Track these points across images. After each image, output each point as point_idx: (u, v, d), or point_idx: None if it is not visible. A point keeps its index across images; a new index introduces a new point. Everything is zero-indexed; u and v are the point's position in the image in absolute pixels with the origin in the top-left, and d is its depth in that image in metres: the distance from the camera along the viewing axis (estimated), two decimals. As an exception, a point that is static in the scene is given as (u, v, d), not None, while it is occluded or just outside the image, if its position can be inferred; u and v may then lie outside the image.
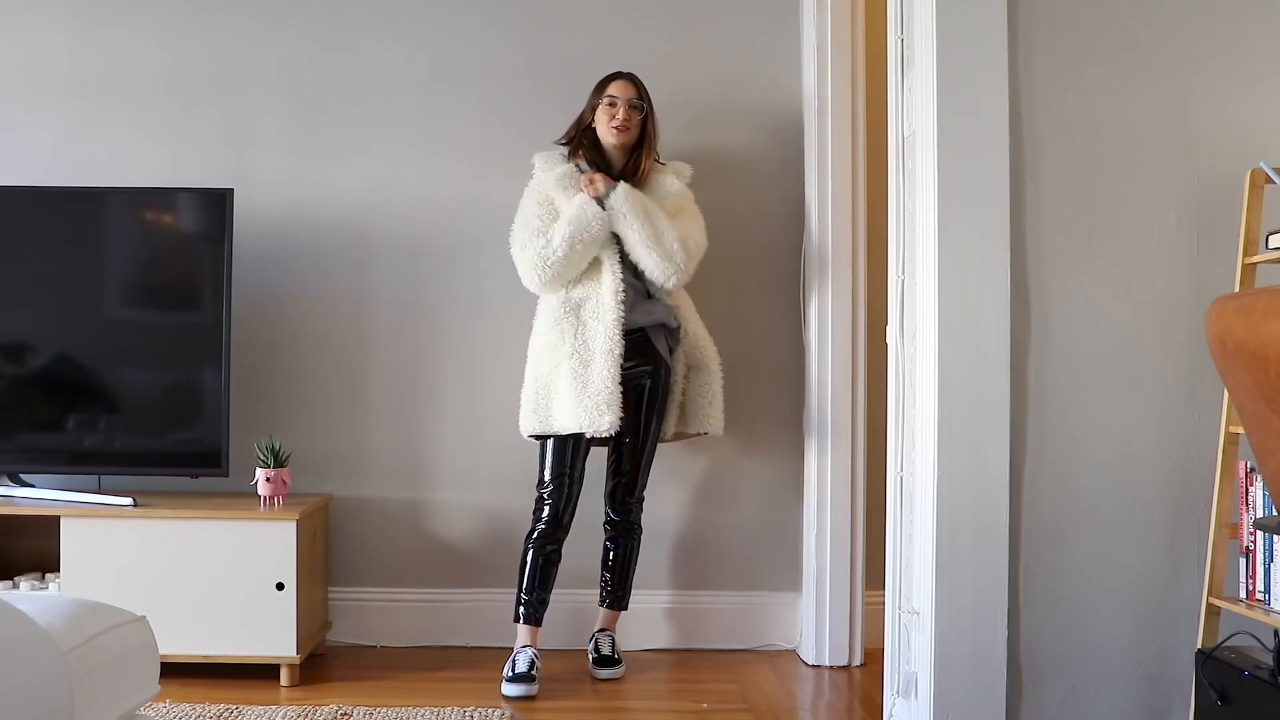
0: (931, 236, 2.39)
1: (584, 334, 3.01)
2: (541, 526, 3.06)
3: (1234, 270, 2.36)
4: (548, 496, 3.06)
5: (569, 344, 3.01)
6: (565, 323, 3.03)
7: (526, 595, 3.08)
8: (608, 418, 2.95)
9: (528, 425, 3.11)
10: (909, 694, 2.50)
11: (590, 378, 2.97)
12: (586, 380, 2.97)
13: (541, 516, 3.07)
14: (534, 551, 3.07)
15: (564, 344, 3.02)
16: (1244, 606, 2.28)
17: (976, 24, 2.39)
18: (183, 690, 2.86)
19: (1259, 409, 1.35)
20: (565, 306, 3.04)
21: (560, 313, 3.04)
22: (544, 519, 3.06)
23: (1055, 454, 2.42)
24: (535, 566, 3.06)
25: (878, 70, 3.07)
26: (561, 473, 3.05)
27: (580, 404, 2.97)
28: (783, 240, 3.48)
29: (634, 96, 3.11)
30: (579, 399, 2.97)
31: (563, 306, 3.04)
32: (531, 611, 3.08)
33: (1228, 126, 2.46)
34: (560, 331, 3.03)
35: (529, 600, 3.08)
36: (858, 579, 3.33)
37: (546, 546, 3.07)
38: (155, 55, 3.48)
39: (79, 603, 1.62)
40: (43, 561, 3.20)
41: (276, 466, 3.08)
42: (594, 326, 3.00)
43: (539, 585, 3.07)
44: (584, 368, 2.99)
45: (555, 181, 3.08)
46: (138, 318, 3.29)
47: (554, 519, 3.05)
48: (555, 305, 3.07)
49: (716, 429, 3.22)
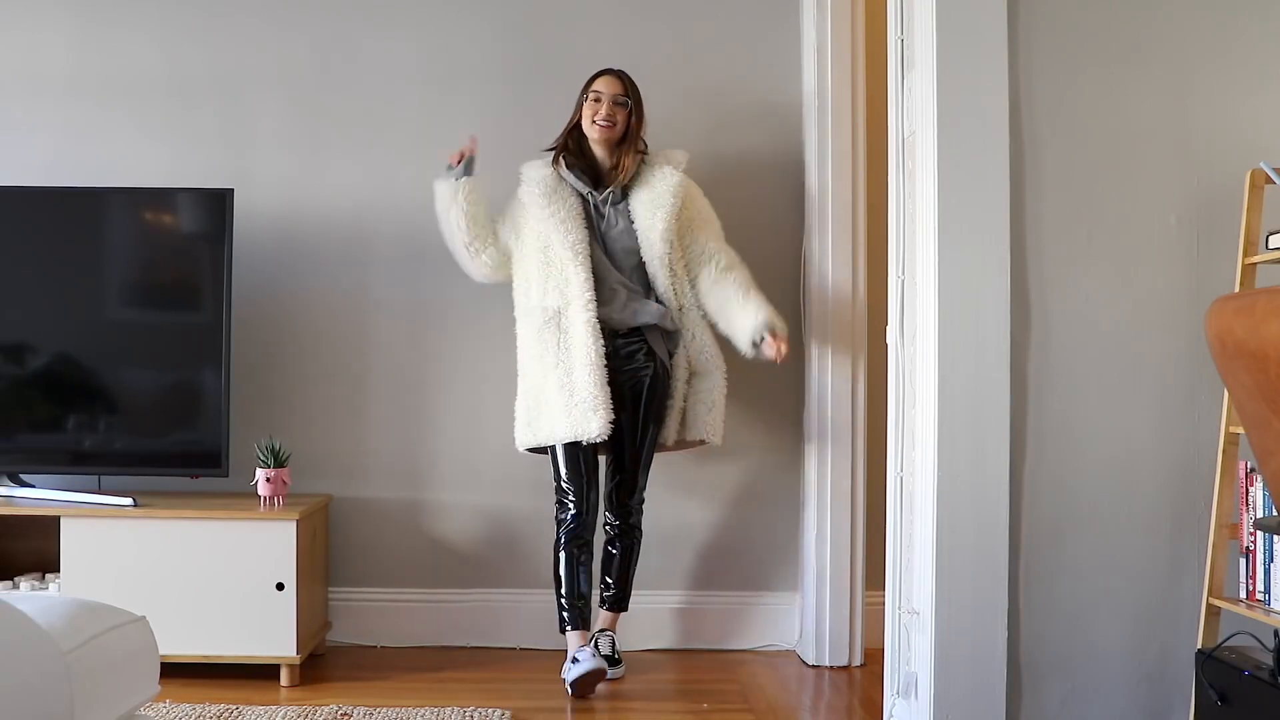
0: (931, 236, 2.39)
1: (565, 341, 3.02)
2: (569, 526, 3.04)
3: (1234, 270, 2.36)
4: (568, 500, 3.05)
5: (552, 353, 3.03)
6: (546, 331, 3.05)
7: (568, 601, 3.04)
8: (595, 423, 2.95)
9: (523, 439, 3.13)
10: (909, 694, 2.50)
11: (575, 385, 2.98)
12: (572, 388, 2.99)
13: (565, 519, 3.05)
14: (565, 554, 3.04)
15: (548, 353, 3.04)
16: (1244, 607, 2.28)
17: (976, 24, 2.39)
18: (183, 690, 2.86)
19: (1259, 409, 1.35)
20: (544, 315, 3.05)
21: (540, 322, 3.06)
22: (569, 520, 3.04)
23: (1055, 454, 2.42)
24: (571, 569, 3.04)
25: (878, 70, 3.07)
26: (576, 472, 3.04)
27: (569, 412, 2.98)
28: (783, 240, 3.48)
29: (619, 93, 3.10)
30: (567, 407, 2.98)
31: (542, 316, 3.06)
32: (576, 615, 3.04)
33: (1228, 126, 2.46)
34: (543, 342, 3.05)
35: (570, 605, 3.04)
36: (858, 579, 3.33)
37: (574, 546, 3.04)
38: (155, 55, 3.48)
39: (79, 603, 1.62)
40: (43, 561, 3.20)
41: (276, 466, 3.08)
42: (572, 332, 3.01)
43: (580, 585, 3.04)
44: (568, 375, 3.00)
45: (526, 188, 3.11)
46: (138, 318, 3.29)
47: (578, 517, 3.03)
48: (535, 315, 3.08)
49: (715, 438, 3.18)
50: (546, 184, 3.09)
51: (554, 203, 3.07)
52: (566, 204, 3.08)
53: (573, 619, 3.04)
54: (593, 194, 3.12)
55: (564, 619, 3.05)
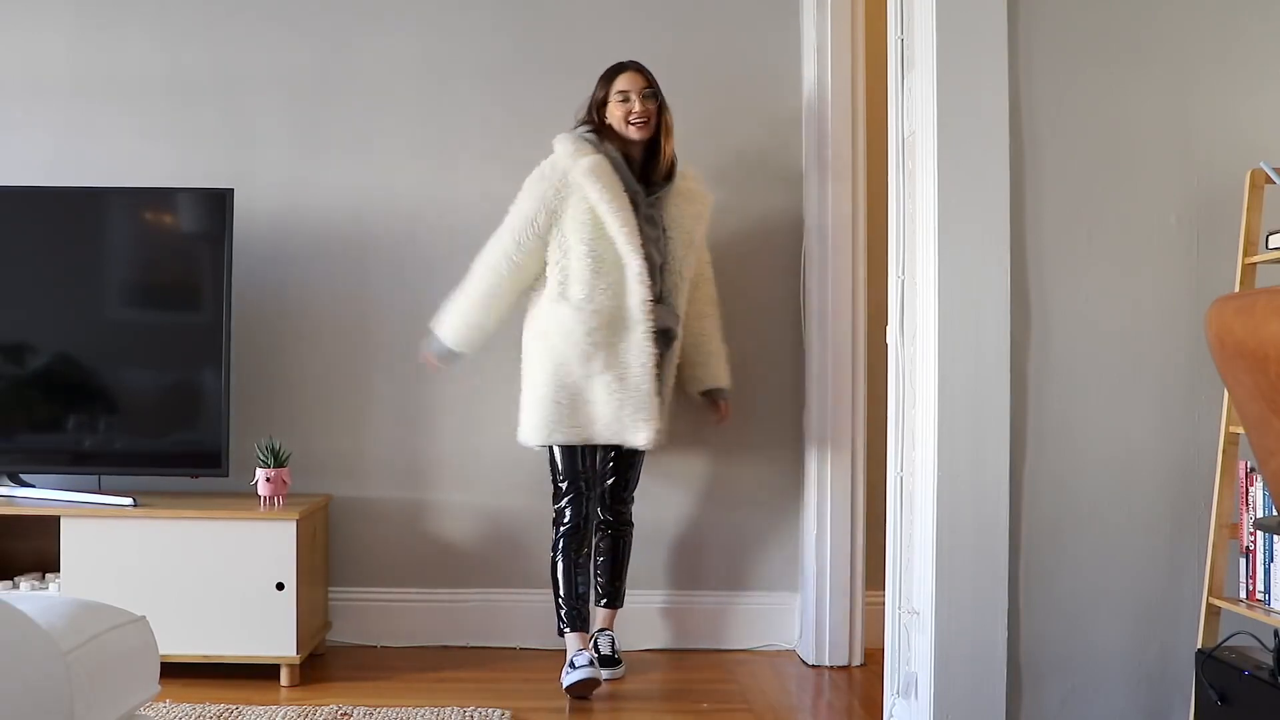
0: (931, 236, 2.39)
1: (622, 345, 2.95)
2: (567, 530, 3.03)
3: (1234, 270, 2.36)
4: (568, 504, 3.03)
5: (603, 355, 2.94)
6: (599, 334, 2.94)
7: (566, 603, 3.03)
8: (644, 432, 2.96)
9: (538, 436, 3.02)
10: (909, 694, 2.50)
11: (628, 391, 2.95)
12: (624, 395, 2.95)
13: (564, 522, 3.04)
14: (563, 559, 3.03)
15: (598, 354, 2.94)
16: (1244, 606, 2.28)
17: (976, 24, 2.39)
18: (183, 690, 2.86)
19: (1259, 409, 1.35)
20: (597, 316, 2.94)
21: (592, 322, 2.93)
22: (566, 524, 3.03)
23: (1055, 454, 2.42)
24: (569, 572, 3.02)
25: (878, 70, 3.06)
26: (577, 476, 3.03)
27: (618, 418, 2.95)
28: (783, 240, 3.48)
29: (645, 87, 3.04)
30: (617, 413, 2.95)
31: (595, 316, 2.94)
32: (575, 617, 3.03)
33: (1228, 126, 2.46)
34: (593, 342, 2.94)
35: (569, 607, 3.03)
36: (857, 579, 3.33)
37: (572, 549, 3.03)
38: (155, 55, 3.48)
39: (79, 603, 1.62)
40: (43, 561, 3.20)
41: (276, 466, 3.08)
42: (631, 338, 2.95)
43: (578, 587, 3.03)
44: (621, 381, 2.95)
45: (584, 172, 2.94)
46: (138, 318, 3.29)
47: (576, 520, 3.02)
48: (582, 312, 2.94)
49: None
50: (605, 173, 2.95)
51: (616, 196, 2.94)
52: (623, 200, 2.96)
53: (571, 621, 3.03)
54: (640, 193, 3.02)
55: (562, 620, 3.04)
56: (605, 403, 2.96)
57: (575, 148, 2.99)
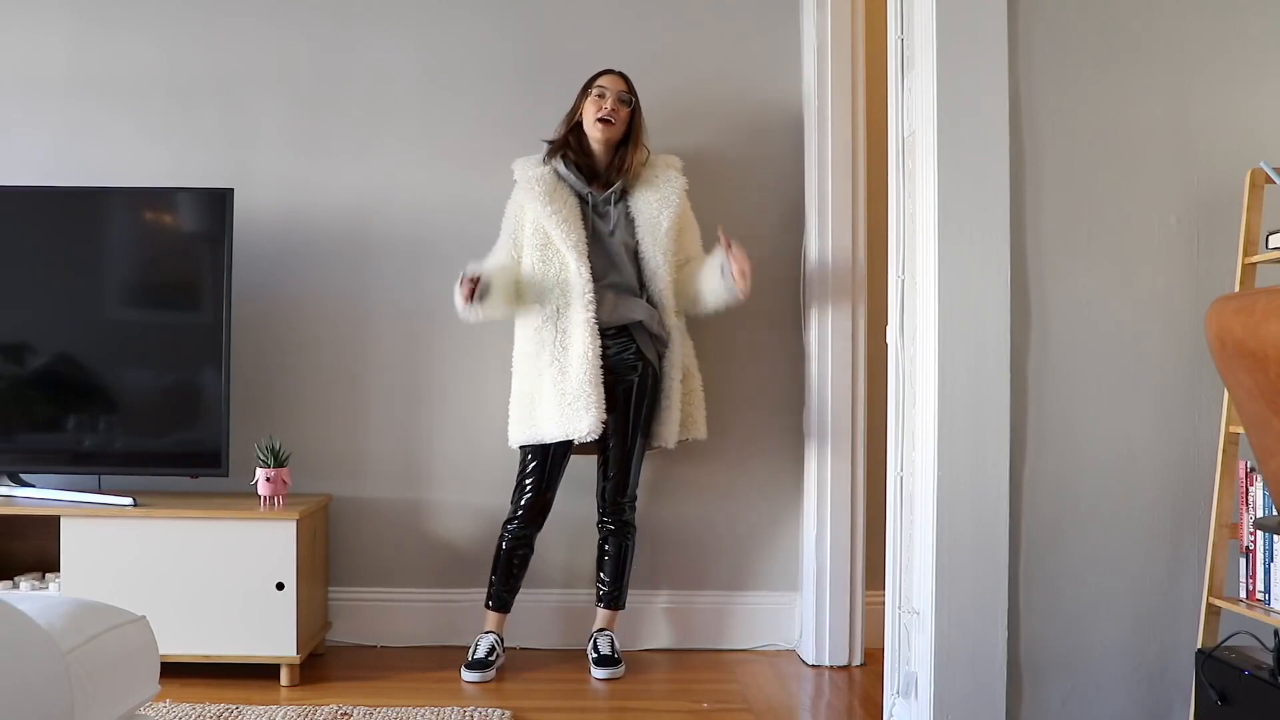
0: (931, 236, 2.39)
1: (563, 340, 3.05)
2: (512, 528, 3.14)
3: (1234, 270, 2.36)
4: (523, 503, 3.14)
5: (549, 352, 3.06)
6: (544, 331, 3.08)
7: (498, 584, 3.18)
8: (586, 421, 2.99)
9: (516, 435, 3.16)
10: (909, 694, 2.50)
11: (568, 383, 3.01)
12: (564, 387, 3.02)
13: (513, 517, 3.15)
14: (506, 547, 3.16)
15: (543, 352, 3.07)
16: (1244, 606, 2.28)
17: (976, 24, 2.39)
18: (183, 690, 2.86)
19: (1259, 409, 1.35)
20: (543, 316, 3.09)
21: (539, 321, 3.09)
22: (515, 519, 3.14)
23: (1055, 454, 2.42)
24: (508, 566, 3.16)
25: (878, 70, 3.07)
26: (540, 481, 3.12)
27: (561, 410, 3.01)
28: (782, 240, 3.48)
29: (623, 90, 3.13)
30: (559, 405, 3.02)
31: (540, 315, 3.09)
32: (500, 599, 3.18)
33: (1228, 126, 2.46)
34: (540, 340, 3.08)
35: (499, 585, 3.17)
36: (858, 579, 3.33)
37: (517, 545, 3.15)
38: (155, 55, 3.48)
39: (79, 603, 1.62)
40: (43, 561, 3.20)
41: (276, 466, 3.08)
42: (571, 332, 3.04)
43: (508, 577, 3.16)
44: (562, 374, 3.03)
45: (526, 186, 3.10)
46: (138, 318, 3.29)
47: (523, 519, 3.14)
48: (533, 314, 3.12)
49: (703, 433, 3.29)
50: (546, 182, 3.10)
51: (555, 201, 3.07)
52: (567, 203, 3.09)
53: (496, 600, 3.17)
54: (592, 194, 3.13)
55: (489, 596, 3.19)
56: (551, 399, 3.04)
57: (523, 164, 3.17)
